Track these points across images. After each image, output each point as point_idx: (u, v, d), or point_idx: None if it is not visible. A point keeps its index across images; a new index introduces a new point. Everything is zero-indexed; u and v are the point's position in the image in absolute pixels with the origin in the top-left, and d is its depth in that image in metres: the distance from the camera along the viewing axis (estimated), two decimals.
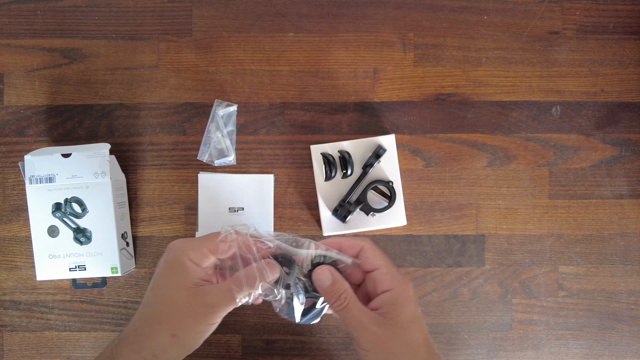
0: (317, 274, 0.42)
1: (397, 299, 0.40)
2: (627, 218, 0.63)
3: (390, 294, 0.40)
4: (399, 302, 0.40)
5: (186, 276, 0.41)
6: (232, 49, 0.62)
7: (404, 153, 0.63)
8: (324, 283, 0.42)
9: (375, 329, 0.39)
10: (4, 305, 0.63)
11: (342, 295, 0.41)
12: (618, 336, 0.63)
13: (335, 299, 0.41)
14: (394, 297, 0.40)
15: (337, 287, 0.41)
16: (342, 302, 0.40)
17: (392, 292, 0.41)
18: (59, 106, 0.62)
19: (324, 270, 0.42)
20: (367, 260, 0.43)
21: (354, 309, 0.40)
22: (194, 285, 0.41)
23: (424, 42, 0.63)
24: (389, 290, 0.41)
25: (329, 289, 0.41)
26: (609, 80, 0.63)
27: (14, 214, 0.62)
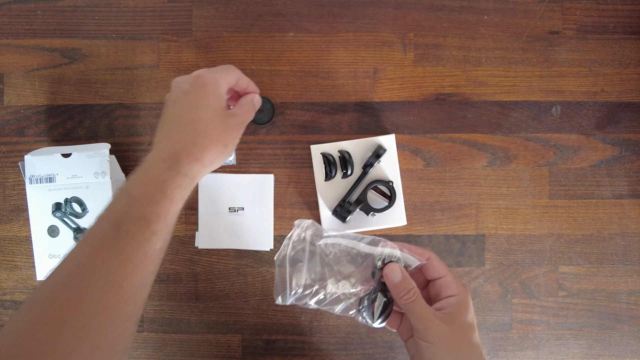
0: (388, 269, 0.45)
1: (461, 303, 0.44)
2: (627, 218, 0.63)
3: (456, 299, 0.44)
4: (463, 306, 0.44)
5: (221, 102, 0.48)
6: (232, 49, 0.62)
7: (404, 153, 0.63)
8: (395, 278, 0.44)
9: (440, 323, 0.42)
10: (4, 305, 0.63)
11: (412, 290, 0.44)
12: (618, 336, 0.63)
13: (405, 292, 0.44)
14: (458, 301, 0.44)
15: (406, 282, 0.44)
16: (411, 297, 0.43)
17: (457, 297, 0.44)
18: (59, 106, 0.62)
19: (395, 267, 0.45)
20: (435, 269, 0.46)
21: (422, 303, 0.43)
22: (224, 108, 0.48)
23: (424, 42, 0.63)
24: (455, 295, 0.44)
25: (399, 283, 0.44)
26: (609, 80, 0.63)
27: (14, 213, 0.62)
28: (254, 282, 0.63)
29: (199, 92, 0.47)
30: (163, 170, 0.43)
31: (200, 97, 0.47)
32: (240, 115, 0.50)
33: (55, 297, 0.38)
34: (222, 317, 0.63)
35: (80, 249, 0.40)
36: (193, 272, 0.63)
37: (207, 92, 0.47)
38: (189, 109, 0.47)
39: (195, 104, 0.47)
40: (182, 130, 0.46)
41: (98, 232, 0.41)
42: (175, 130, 0.46)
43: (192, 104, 0.47)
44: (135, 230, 0.40)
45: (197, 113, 0.46)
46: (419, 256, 0.46)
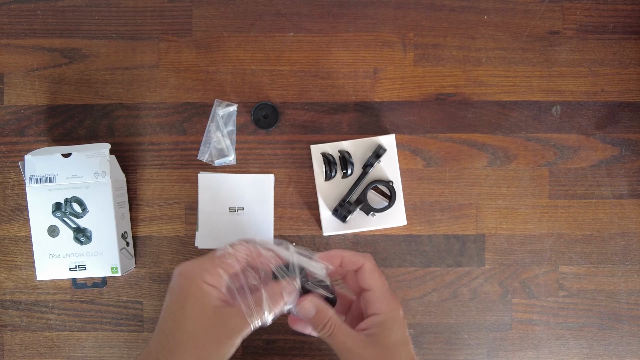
0: (301, 306, 0.43)
1: (384, 322, 0.42)
2: (627, 218, 0.63)
3: (380, 317, 0.42)
4: (387, 326, 0.42)
5: (205, 301, 0.40)
6: (232, 48, 0.62)
7: (404, 153, 0.63)
8: (309, 314, 0.43)
9: (361, 351, 0.41)
10: (4, 305, 0.63)
11: (327, 324, 0.42)
12: (618, 336, 0.63)
13: (321, 327, 0.42)
14: (382, 321, 0.42)
15: (321, 316, 0.42)
16: (327, 330, 0.42)
17: (380, 315, 0.42)
18: (59, 106, 0.62)
19: (307, 303, 0.43)
20: (364, 280, 0.44)
21: (339, 335, 0.42)
22: (213, 309, 0.40)
23: (424, 41, 0.63)
24: (378, 314, 0.43)
25: (313, 319, 0.43)
26: (609, 80, 0.63)
27: (14, 213, 0.62)
28: None
29: (178, 296, 0.41)
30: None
31: (179, 302, 0.41)
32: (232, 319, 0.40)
33: None
34: None
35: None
36: None
37: (185, 294, 0.41)
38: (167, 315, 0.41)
39: (173, 309, 0.41)
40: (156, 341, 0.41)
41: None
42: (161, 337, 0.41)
43: (169, 308, 0.41)
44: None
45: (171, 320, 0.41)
46: (353, 264, 0.44)
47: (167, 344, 0.40)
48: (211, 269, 0.41)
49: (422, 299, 0.63)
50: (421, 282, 0.63)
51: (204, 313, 0.40)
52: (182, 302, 0.40)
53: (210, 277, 0.41)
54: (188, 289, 0.41)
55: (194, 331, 0.40)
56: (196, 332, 0.40)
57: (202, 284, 0.41)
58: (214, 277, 0.41)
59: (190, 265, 0.42)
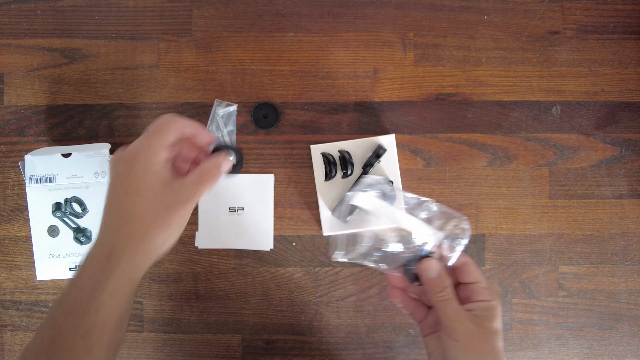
0: (425, 263, 0.45)
1: (491, 309, 0.44)
2: (627, 218, 0.63)
3: (487, 304, 0.44)
4: (492, 312, 0.44)
5: (158, 176, 0.41)
6: (232, 48, 0.62)
7: (404, 153, 0.63)
8: (431, 273, 0.44)
9: (470, 325, 0.42)
10: (4, 305, 0.63)
11: (446, 289, 0.44)
12: (618, 336, 0.63)
13: (440, 290, 0.44)
14: (489, 307, 0.44)
15: (442, 280, 0.44)
16: (445, 295, 0.44)
17: (488, 302, 0.44)
18: (59, 106, 0.62)
19: (433, 262, 0.45)
20: (471, 274, 0.46)
21: (454, 303, 0.43)
22: (164, 181, 0.41)
23: (424, 41, 0.63)
24: (486, 301, 0.44)
25: (435, 280, 0.44)
26: (609, 80, 0.63)
27: (14, 213, 0.62)
28: (254, 282, 0.63)
29: (128, 172, 0.41)
30: (96, 272, 0.40)
31: (130, 177, 0.41)
32: (188, 188, 0.42)
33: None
34: (222, 317, 0.63)
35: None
36: (193, 272, 0.63)
37: (137, 169, 0.41)
38: (122, 195, 0.41)
39: (126, 188, 0.41)
40: (117, 220, 0.41)
41: (39, 344, 0.40)
42: (112, 220, 0.41)
43: (123, 188, 0.41)
44: (72, 346, 0.39)
45: (129, 197, 0.41)
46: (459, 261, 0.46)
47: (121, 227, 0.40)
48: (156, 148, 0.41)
49: None
50: None
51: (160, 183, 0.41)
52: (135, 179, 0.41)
53: (156, 156, 0.41)
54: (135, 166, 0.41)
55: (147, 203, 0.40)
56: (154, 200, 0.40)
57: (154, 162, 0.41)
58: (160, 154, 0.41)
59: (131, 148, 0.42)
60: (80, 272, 0.41)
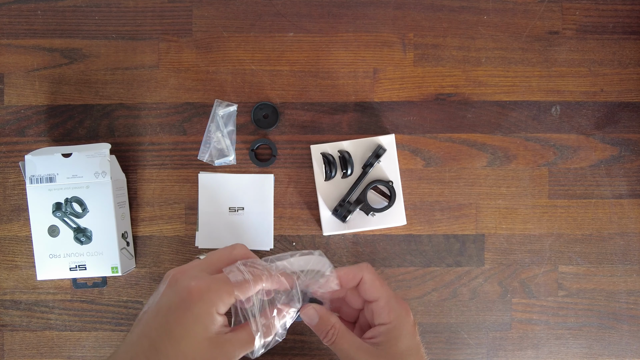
0: (303, 313, 0.43)
1: (391, 331, 0.41)
2: (627, 218, 0.63)
3: (386, 328, 0.41)
4: (394, 334, 0.41)
5: (211, 328, 0.38)
6: (232, 49, 0.62)
7: (403, 153, 0.63)
8: (312, 321, 0.43)
9: (371, 358, 0.40)
10: (5, 305, 0.63)
11: (330, 331, 0.42)
12: (618, 336, 0.63)
13: (324, 335, 0.42)
14: (388, 330, 0.41)
15: (323, 323, 0.42)
16: (330, 338, 0.42)
17: (387, 326, 0.41)
18: (59, 106, 0.62)
19: (309, 310, 0.43)
20: (366, 292, 0.43)
21: (342, 342, 0.41)
22: (216, 335, 0.38)
23: (423, 42, 0.63)
24: (386, 324, 0.42)
25: (316, 326, 0.42)
26: (609, 80, 0.63)
27: (15, 213, 0.62)
28: None
29: (178, 314, 0.37)
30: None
31: (180, 320, 0.37)
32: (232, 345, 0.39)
33: None
34: None
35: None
36: None
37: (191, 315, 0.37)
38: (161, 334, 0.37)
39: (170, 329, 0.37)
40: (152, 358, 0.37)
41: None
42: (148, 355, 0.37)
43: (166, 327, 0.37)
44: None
45: (170, 343, 0.37)
46: (351, 280, 0.43)
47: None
48: (226, 297, 0.39)
49: (421, 298, 0.63)
50: (421, 282, 0.63)
51: (207, 339, 0.38)
52: (187, 323, 0.37)
53: (222, 307, 0.39)
54: (196, 312, 0.38)
55: (193, 354, 0.37)
56: (194, 356, 0.37)
57: (213, 312, 0.38)
58: (226, 306, 0.39)
59: (203, 284, 0.38)
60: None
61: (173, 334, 0.37)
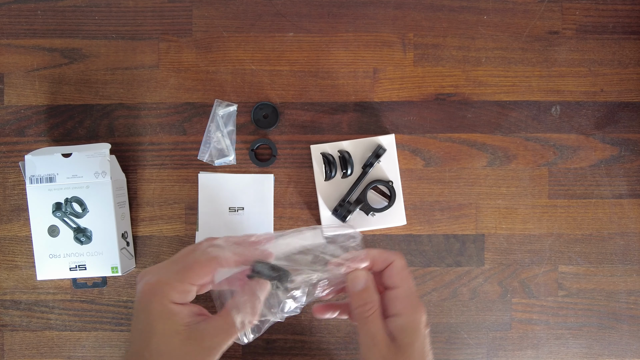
0: (352, 274, 0.40)
1: (406, 328, 0.39)
2: (627, 218, 0.63)
3: (400, 320, 0.39)
4: (409, 332, 0.39)
5: (175, 321, 0.36)
6: (232, 49, 0.62)
7: (403, 153, 0.63)
8: (356, 286, 0.40)
9: (384, 351, 0.38)
10: (5, 305, 0.63)
11: (370, 305, 0.39)
12: (617, 336, 0.63)
13: (362, 305, 0.39)
14: (403, 325, 0.39)
15: (367, 295, 0.40)
16: (366, 312, 0.39)
17: (402, 317, 0.39)
18: (59, 106, 0.62)
19: (361, 274, 0.40)
20: (391, 277, 0.41)
21: (373, 324, 0.39)
22: (185, 327, 0.36)
23: (423, 42, 0.63)
24: (400, 314, 0.39)
25: (359, 293, 0.40)
26: (609, 80, 0.63)
27: (15, 213, 0.62)
28: None
29: (145, 315, 0.36)
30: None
31: (145, 320, 0.36)
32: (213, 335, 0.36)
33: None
34: None
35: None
36: None
37: (154, 312, 0.36)
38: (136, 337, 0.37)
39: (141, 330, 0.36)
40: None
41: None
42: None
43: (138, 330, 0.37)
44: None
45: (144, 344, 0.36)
46: (383, 261, 0.41)
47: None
48: (178, 285, 0.37)
49: (422, 298, 0.63)
50: (421, 282, 0.63)
51: (175, 333, 0.36)
52: (150, 321, 0.36)
53: (177, 295, 0.37)
54: (153, 309, 0.36)
55: (167, 352, 0.36)
56: (170, 353, 0.36)
57: (168, 304, 0.36)
58: (182, 295, 0.37)
59: (154, 280, 0.37)
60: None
61: (143, 335, 0.36)
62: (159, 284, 0.37)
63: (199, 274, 0.38)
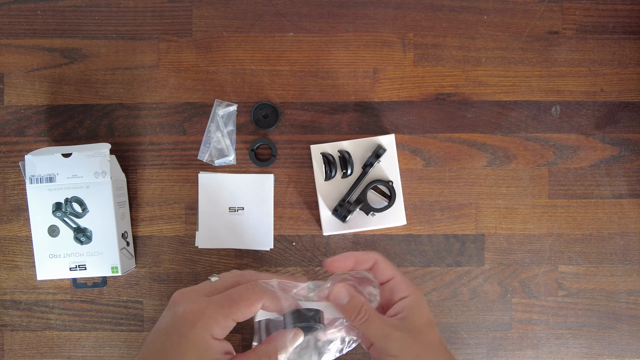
0: (334, 292, 0.42)
1: (414, 304, 0.42)
2: (627, 218, 0.63)
3: (409, 300, 0.42)
4: (416, 307, 0.42)
5: (207, 355, 0.36)
6: (232, 49, 0.62)
7: (403, 153, 0.63)
8: (342, 300, 0.42)
9: (399, 334, 0.40)
10: (5, 305, 0.63)
11: (362, 308, 0.41)
12: (617, 335, 0.63)
13: (356, 313, 0.41)
14: (411, 303, 0.42)
15: (355, 302, 0.41)
16: (363, 315, 0.41)
17: (409, 298, 0.42)
18: (59, 106, 0.62)
19: (340, 288, 0.42)
20: (383, 272, 0.44)
21: (376, 320, 0.41)
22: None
23: (423, 42, 0.63)
24: (407, 296, 0.42)
25: (347, 305, 0.41)
26: (609, 80, 0.63)
27: (15, 213, 0.62)
28: None
29: (173, 339, 0.36)
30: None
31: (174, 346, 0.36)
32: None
33: None
34: None
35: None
36: (193, 271, 0.63)
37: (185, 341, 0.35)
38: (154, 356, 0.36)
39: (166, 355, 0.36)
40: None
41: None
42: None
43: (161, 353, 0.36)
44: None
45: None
46: (366, 261, 0.44)
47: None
48: (222, 321, 0.36)
49: None
50: (421, 282, 0.63)
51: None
52: (182, 350, 0.36)
53: (219, 331, 0.36)
54: (190, 337, 0.36)
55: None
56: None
57: (207, 337, 0.36)
58: (223, 330, 0.37)
59: (198, 308, 0.37)
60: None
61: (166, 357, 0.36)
62: (204, 316, 0.36)
63: (244, 313, 0.37)
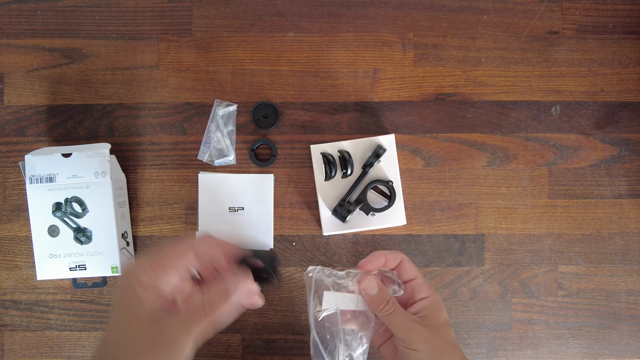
0: (364, 283, 0.45)
1: (434, 304, 0.44)
2: (627, 218, 0.63)
3: (429, 301, 0.44)
4: (436, 308, 0.44)
5: (140, 309, 0.35)
6: (232, 49, 0.62)
7: (403, 153, 0.63)
8: (371, 291, 0.44)
9: (422, 328, 0.42)
10: (5, 305, 0.63)
11: (390, 300, 0.44)
12: (617, 335, 0.63)
13: (384, 305, 0.44)
14: (431, 303, 0.44)
15: (383, 294, 0.44)
16: (390, 307, 0.43)
17: (429, 298, 0.44)
18: (59, 106, 0.62)
19: (371, 280, 0.45)
20: (407, 271, 0.46)
21: (401, 313, 0.43)
22: (149, 318, 0.35)
23: (423, 42, 0.63)
24: (427, 297, 0.45)
25: (376, 296, 0.44)
26: (609, 80, 0.63)
27: (15, 213, 0.62)
28: None
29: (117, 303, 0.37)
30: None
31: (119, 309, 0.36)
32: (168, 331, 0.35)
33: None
34: None
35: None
36: None
37: (126, 299, 0.36)
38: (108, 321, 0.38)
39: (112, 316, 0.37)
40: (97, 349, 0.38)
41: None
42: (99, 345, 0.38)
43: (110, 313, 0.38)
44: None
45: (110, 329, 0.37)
46: (394, 259, 0.46)
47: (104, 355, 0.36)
48: (150, 270, 0.36)
49: None
50: None
51: (138, 323, 0.35)
52: (119, 308, 0.36)
53: (147, 279, 0.36)
54: (124, 294, 0.36)
55: (128, 344, 0.35)
56: (129, 343, 0.35)
57: (138, 289, 0.35)
58: (152, 279, 0.36)
59: (132, 264, 0.38)
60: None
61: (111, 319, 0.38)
62: (134, 267, 0.37)
63: (171, 258, 0.37)
